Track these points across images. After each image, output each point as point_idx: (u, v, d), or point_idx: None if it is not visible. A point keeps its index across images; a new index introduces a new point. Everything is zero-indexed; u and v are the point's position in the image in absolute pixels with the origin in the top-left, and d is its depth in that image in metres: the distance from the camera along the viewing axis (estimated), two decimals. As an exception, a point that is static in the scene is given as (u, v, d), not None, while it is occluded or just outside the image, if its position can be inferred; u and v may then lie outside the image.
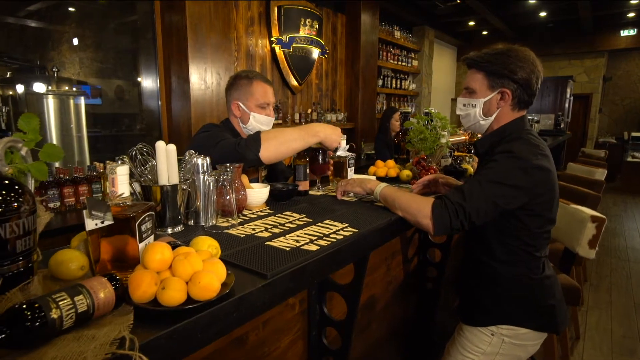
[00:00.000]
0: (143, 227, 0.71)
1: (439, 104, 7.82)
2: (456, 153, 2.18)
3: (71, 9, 3.96)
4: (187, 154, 1.06)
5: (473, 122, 1.37)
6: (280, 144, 1.31)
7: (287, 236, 1.02)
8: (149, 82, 3.31)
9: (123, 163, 0.88)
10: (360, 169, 2.64)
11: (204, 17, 3.00)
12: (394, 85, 5.95)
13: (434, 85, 7.28)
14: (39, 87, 3.04)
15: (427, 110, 2.10)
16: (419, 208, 1.19)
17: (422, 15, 6.25)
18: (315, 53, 4.26)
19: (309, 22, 4.13)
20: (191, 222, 1.13)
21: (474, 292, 1.37)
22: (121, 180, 0.73)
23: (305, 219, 1.20)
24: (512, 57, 1.26)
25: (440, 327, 2.18)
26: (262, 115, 1.61)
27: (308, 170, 1.49)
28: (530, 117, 6.46)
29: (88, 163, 3.33)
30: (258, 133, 1.33)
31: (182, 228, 1.08)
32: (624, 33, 7.45)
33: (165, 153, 0.95)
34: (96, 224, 0.65)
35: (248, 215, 1.25)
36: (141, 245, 0.70)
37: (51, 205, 2.22)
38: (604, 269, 3.82)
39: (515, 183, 1.15)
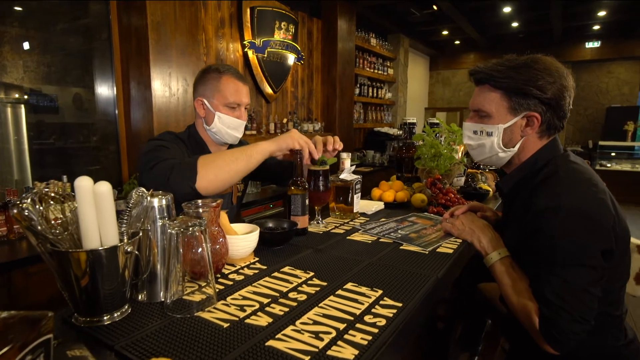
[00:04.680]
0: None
1: (414, 114, 7.70)
2: (468, 170, 1.88)
3: (17, 8, 3.45)
4: (133, 193, 0.67)
5: (489, 154, 1.05)
6: (219, 169, 1.05)
7: (298, 323, 0.64)
8: (104, 89, 2.87)
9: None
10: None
11: (167, 15, 2.60)
12: (370, 94, 5.70)
13: (409, 94, 7.13)
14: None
15: (434, 121, 1.79)
16: (534, 327, 0.89)
17: (397, 22, 6.08)
18: (291, 59, 3.92)
19: (284, 25, 3.79)
20: (142, 297, 0.73)
21: None
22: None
23: (316, 280, 0.83)
24: (540, 70, 0.96)
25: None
26: (229, 116, 1.32)
27: (307, 202, 1.12)
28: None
29: (30, 183, 2.81)
30: (195, 158, 1.06)
31: (127, 310, 0.68)
32: (589, 45, 7.63)
33: (94, 197, 0.55)
34: None
35: (230, 276, 0.85)
36: None
37: (-26, 237, 1.76)
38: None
39: (598, 250, 0.86)
